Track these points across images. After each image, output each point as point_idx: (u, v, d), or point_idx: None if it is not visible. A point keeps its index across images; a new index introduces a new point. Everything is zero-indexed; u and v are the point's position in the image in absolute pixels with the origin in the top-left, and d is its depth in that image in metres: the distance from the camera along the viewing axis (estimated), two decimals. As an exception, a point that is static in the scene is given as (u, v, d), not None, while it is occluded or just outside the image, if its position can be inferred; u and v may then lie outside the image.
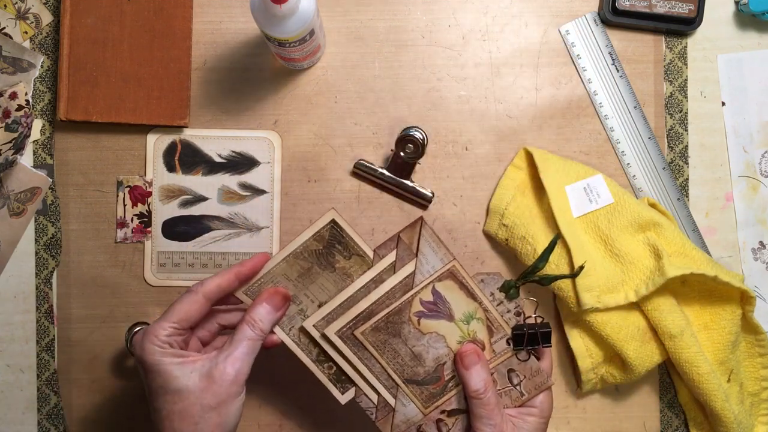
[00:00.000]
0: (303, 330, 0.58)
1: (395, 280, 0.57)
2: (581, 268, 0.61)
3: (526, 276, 0.58)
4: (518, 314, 0.58)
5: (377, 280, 0.57)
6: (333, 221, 0.57)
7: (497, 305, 0.58)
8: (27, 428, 0.69)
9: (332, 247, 0.57)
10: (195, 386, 0.51)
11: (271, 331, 0.57)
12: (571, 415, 0.70)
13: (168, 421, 0.52)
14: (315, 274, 0.57)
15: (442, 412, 0.59)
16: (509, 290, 0.58)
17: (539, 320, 0.59)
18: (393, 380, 0.58)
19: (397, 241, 0.57)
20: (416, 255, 0.57)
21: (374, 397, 0.58)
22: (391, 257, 0.57)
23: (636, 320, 0.65)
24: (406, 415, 0.58)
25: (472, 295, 0.58)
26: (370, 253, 0.58)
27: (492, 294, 0.58)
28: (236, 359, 0.53)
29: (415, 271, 0.57)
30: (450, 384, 0.58)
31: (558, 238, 0.59)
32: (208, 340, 0.59)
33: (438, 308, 0.57)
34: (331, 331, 0.57)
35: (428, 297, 0.57)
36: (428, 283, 0.57)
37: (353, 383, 0.58)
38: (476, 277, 0.58)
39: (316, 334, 0.57)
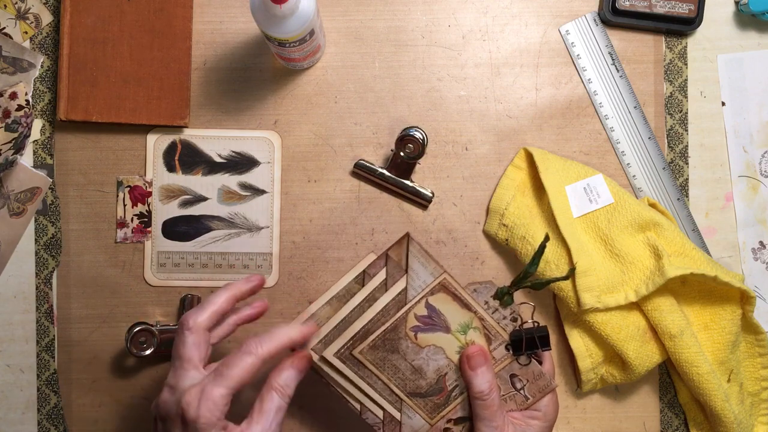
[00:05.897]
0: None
1: (388, 297, 0.57)
2: (572, 270, 0.61)
3: (519, 282, 0.58)
4: (515, 320, 0.58)
5: (370, 299, 0.57)
6: None
7: (493, 313, 0.58)
8: (27, 428, 0.69)
9: None
10: None
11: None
12: (571, 415, 0.70)
13: None
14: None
15: (449, 421, 0.59)
16: (503, 297, 0.58)
17: (536, 324, 0.59)
18: (396, 395, 0.58)
19: (386, 259, 0.57)
20: (406, 271, 0.57)
21: (380, 413, 0.58)
22: (381, 275, 0.57)
23: (636, 320, 0.65)
24: (413, 427, 0.58)
25: (466, 306, 0.57)
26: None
27: (486, 302, 0.58)
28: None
29: (406, 287, 0.57)
30: (454, 393, 0.58)
31: (547, 241, 0.59)
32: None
33: (433, 321, 0.57)
34: (329, 353, 0.57)
35: (422, 311, 0.57)
36: (421, 298, 0.57)
37: (357, 401, 0.58)
38: (469, 288, 0.58)
39: (315, 357, 0.57)
